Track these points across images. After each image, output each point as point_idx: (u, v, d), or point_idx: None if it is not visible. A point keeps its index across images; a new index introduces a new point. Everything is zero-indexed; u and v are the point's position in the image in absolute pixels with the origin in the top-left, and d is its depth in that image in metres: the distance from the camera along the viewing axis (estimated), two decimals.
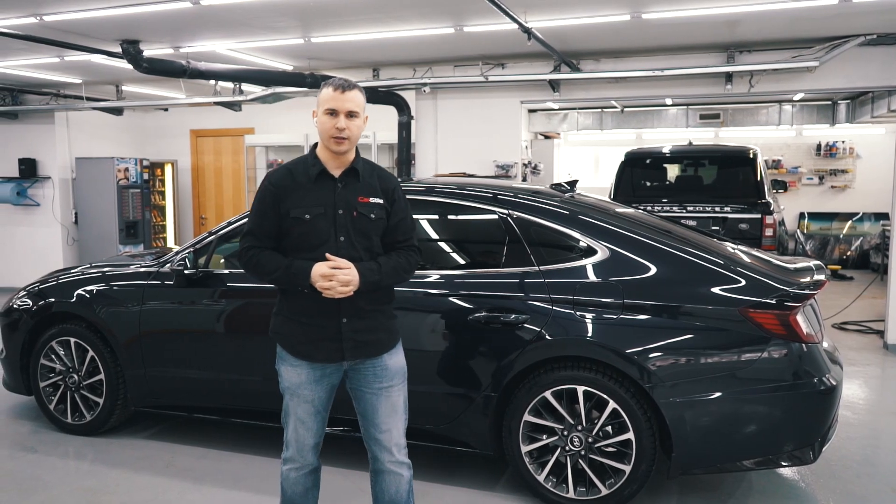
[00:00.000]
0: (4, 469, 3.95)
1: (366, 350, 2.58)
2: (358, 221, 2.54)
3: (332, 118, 2.46)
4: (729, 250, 3.66)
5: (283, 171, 2.57)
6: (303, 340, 2.56)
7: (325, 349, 2.55)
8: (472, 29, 5.76)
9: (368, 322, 2.57)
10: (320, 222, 2.49)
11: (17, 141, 9.68)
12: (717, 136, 12.35)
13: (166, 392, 4.19)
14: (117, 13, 5.15)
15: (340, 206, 2.52)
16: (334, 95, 2.46)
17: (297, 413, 2.61)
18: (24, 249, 9.84)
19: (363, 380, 2.61)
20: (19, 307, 4.56)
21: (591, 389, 3.29)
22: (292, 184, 2.53)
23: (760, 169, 7.51)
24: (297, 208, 2.50)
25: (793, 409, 3.16)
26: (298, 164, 2.58)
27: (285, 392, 2.64)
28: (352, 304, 2.51)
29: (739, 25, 5.75)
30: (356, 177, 2.56)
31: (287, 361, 2.61)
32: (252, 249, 2.54)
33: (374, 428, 2.64)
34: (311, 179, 2.52)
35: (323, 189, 2.52)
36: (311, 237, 2.49)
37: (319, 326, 2.53)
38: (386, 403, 2.62)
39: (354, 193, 2.54)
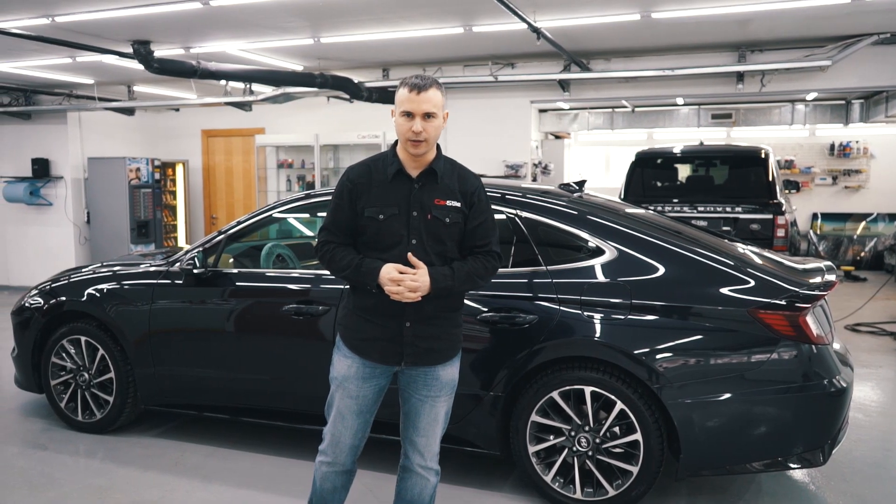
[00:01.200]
0: (16, 466, 3.98)
1: (426, 358, 2.53)
2: (432, 224, 2.46)
3: (409, 120, 2.38)
4: (739, 251, 3.64)
5: (361, 168, 2.53)
6: (362, 336, 2.52)
7: (381, 350, 2.51)
8: (481, 29, 5.75)
9: (433, 329, 2.51)
10: (393, 223, 2.45)
11: (30, 141, 9.77)
12: (728, 135, 12.28)
13: (175, 391, 4.21)
14: (128, 14, 5.19)
15: (415, 207, 2.46)
16: (410, 97, 2.38)
17: (339, 406, 2.57)
18: (36, 249, 9.92)
19: (412, 384, 2.58)
20: (31, 306, 4.59)
21: (599, 390, 3.27)
22: (369, 181, 2.48)
23: (772, 169, 7.46)
24: (372, 207, 2.46)
25: (802, 410, 3.13)
26: (378, 161, 2.53)
27: (333, 382, 2.60)
28: (418, 309, 2.45)
29: (751, 24, 5.71)
30: (434, 178, 2.49)
31: (341, 351, 2.58)
32: (328, 244, 2.52)
33: (414, 430, 2.62)
34: (388, 178, 2.47)
35: (399, 189, 2.47)
36: (384, 238, 2.45)
37: (382, 326, 2.49)
38: (430, 412, 2.59)
39: (431, 195, 2.47)
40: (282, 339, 3.87)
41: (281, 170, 10.05)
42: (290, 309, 3.76)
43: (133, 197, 9.39)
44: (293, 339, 3.83)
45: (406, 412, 2.63)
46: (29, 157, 9.67)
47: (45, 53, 6.70)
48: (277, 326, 3.85)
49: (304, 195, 4.21)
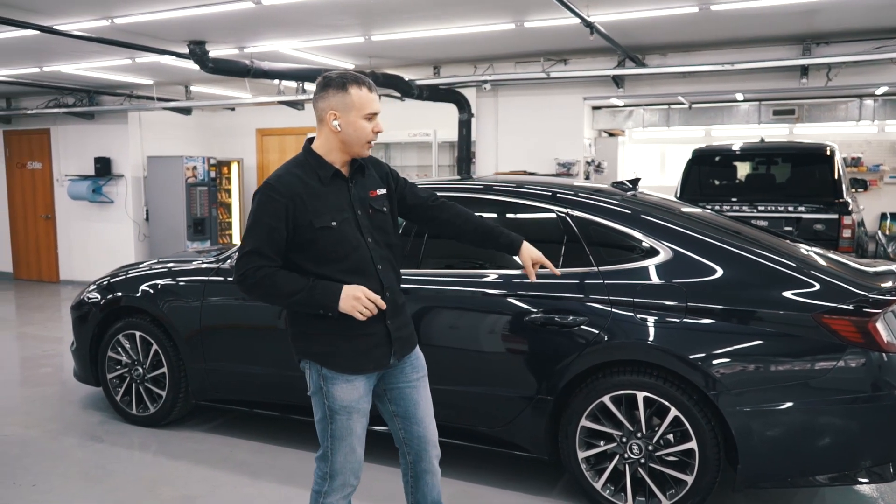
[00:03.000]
0: (73, 457, 4.08)
1: (408, 345, 2.52)
2: (375, 219, 2.43)
3: (371, 121, 2.33)
4: (802, 252, 3.47)
5: (289, 179, 2.30)
6: (351, 355, 2.37)
7: (375, 357, 2.42)
8: (533, 24, 5.65)
9: (403, 317, 2.51)
10: (346, 227, 2.33)
11: (93, 140, 10.09)
12: (791, 132, 11.84)
13: (225, 387, 4.25)
14: (183, 14, 5.28)
15: (358, 206, 2.39)
16: (372, 97, 2.32)
17: (356, 432, 2.41)
18: (98, 245, 10.25)
19: (401, 375, 2.52)
20: (89, 300, 4.71)
21: (652, 395, 3.16)
22: (304, 190, 2.29)
23: (838, 167, 7.13)
24: (322, 216, 2.29)
25: (871, 422, 2.96)
26: (303, 167, 2.35)
27: (339, 413, 2.37)
28: (393, 303, 2.43)
29: (817, 15, 5.46)
30: (362, 172, 2.45)
31: (340, 379, 2.37)
32: (262, 269, 2.25)
33: (418, 424, 2.54)
34: (324, 182, 2.33)
35: (338, 192, 2.36)
36: (342, 245, 2.32)
37: (368, 335, 2.38)
38: (424, 393, 2.56)
39: (364, 190, 2.43)
40: None
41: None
42: None
43: (190, 195, 9.59)
44: None
45: (403, 411, 2.54)
46: (92, 155, 9.99)
47: (105, 55, 6.89)
48: None
49: None
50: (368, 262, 2.36)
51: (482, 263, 3.61)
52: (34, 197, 10.81)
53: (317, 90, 2.36)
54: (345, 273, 2.31)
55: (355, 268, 2.33)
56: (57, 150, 10.48)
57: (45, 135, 10.53)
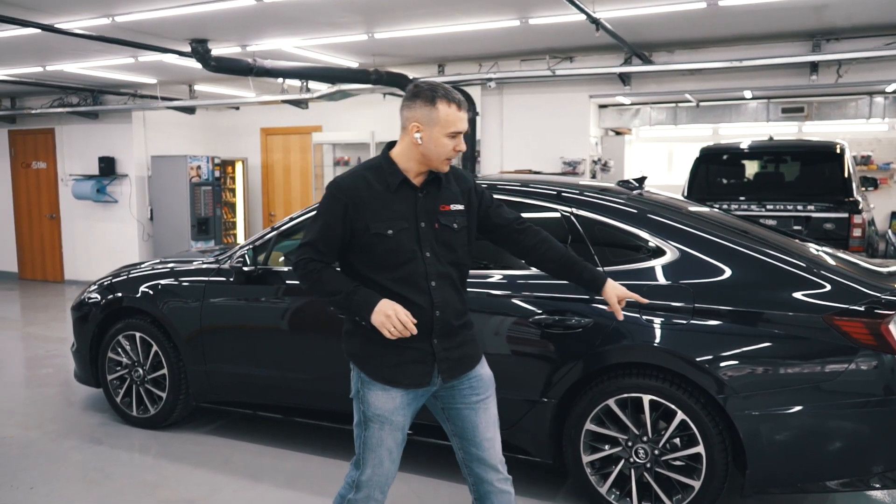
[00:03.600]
0: (72, 460, 4.04)
1: (461, 367, 2.39)
2: (441, 233, 2.32)
3: (453, 139, 2.25)
4: (812, 252, 3.39)
5: (355, 180, 2.30)
6: (388, 364, 2.31)
7: (411, 373, 2.32)
8: (538, 21, 5.58)
9: (457, 338, 2.38)
10: (403, 238, 2.26)
11: (97, 140, 10.07)
12: (800, 130, 11.71)
13: (225, 388, 4.21)
14: (184, 12, 5.23)
15: (422, 218, 2.30)
16: (459, 115, 2.24)
17: (386, 444, 2.34)
18: (102, 244, 10.23)
19: (458, 395, 2.40)
20: (89, 301, 4.67)
21: (658, 399, 3.09)
22: (368, 194, 2.27)
23: (848, 165, 7.03)
24: (378, 222, 2.25)
25: (884, 426, 2.89)
26: (373, 171, 2.32)
27: (372, 421, 2.33)
28: (443, 323, 2.31)
29: (827, 11, 5.37)
30: (438, 184, 2.35)
31: (375, 386, 2.33)
32: (313, 263, 2.28)
33: (477, 447, 2.42)
34: (391, 189, 2.28)
35: (403, 200, 2.29)
36: (396, 255, 2.26)
37: (406, 348, 2.29)
38: (485, 417, 2.42)
39: (435, 202, 2.33)
40: (329, 339, 3.81)
41: (337, 167, 10.07)
42: None
43: (194, 194, 9.56)
44: None
45: (460, 431, 2.43)
46: (96, 155, 9.97)
47: (107, 54, 6.85)
48: (325, 326, 3.79)
49: None
50: (421, 276, 2.28)
51: (486, 264, 3.55)
52: (39, 197, 10.81)
53: (405, 97, 2.30)
54: (395, 283, 2.26)
55: (406, 279, 2.26)
56: (61, 150, 10.47)
57: (50, 134, 10.53)
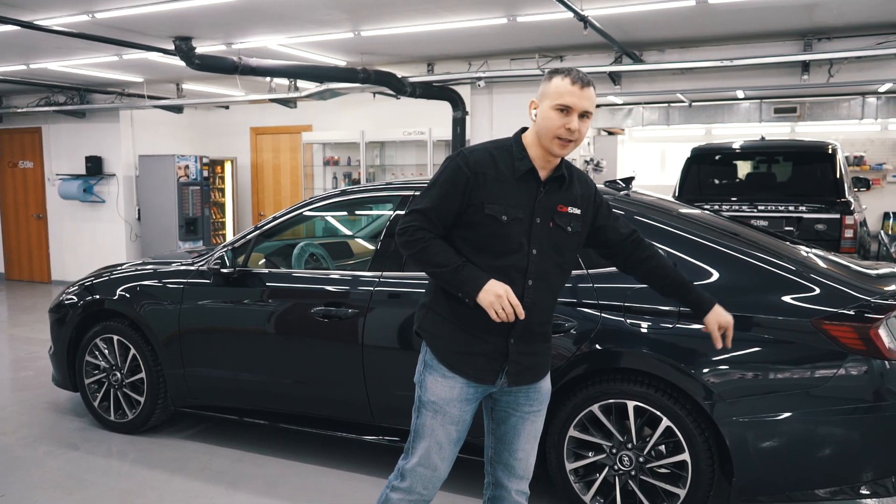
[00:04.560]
0: (46, 466, 3.95)
1: (528, 375, 2.28)
2: (554, 233, 2.21)
3: (564, 116, 2.10)
4: (802, 254, 3.32)
5: (483, 155, 2.18)
6: (458, 349, 2.22)
7: (478, 366, 2.22)
8: (526, 19, 5.50)
9: (535, 345, 2.27)
10: (515, 227, 2.15)
11: (84, 139, 9.95)
12: (793, 130, 11.67)
13: (204, 393, 4.12)
14: (166, 9, 5.13)
15: (539, 213, 2.18)
16: (572, 90, 2.09)
17: (436, 435, 2.24)
18: (90, 245, 10.11)
19: (513, 402, 2.31)
20: (67, 303, 4.57)
21: (643, 405, 3.02)
22: (494, 173, 2.16)
23: (840, 165, 6.98)
24: (495, 204, 2.14)
25: (873, 433, 2.82)
26: (502, 152, 2.20)
27: (425, 407, 2.26)
28: (526, 325, 2.19)
29: (818, 9, 5.30)
30: (561, 183, 2.23)
31: (437, 371, 2.24)
32: (422, 231, 2.16)
33: (510, 454, 2.35)
34: (516, 175, 2.17)
35: (525, 190, 2.18)
36: (502, 242, 2.15)
37: (483, 340, 2.20)
38: (530, 429, 2.35)
39: (555, 201, 2.21)
40: (309, 343, 3.73)
41: (327, 167, 9.98)
42: (318, 311, 3.62)
43: (181, 194, 9.46)
44: (321, 343, 3.68)
45: (501, 435, 2.35)
46: (83, 154, 9.85)
47: (90, 51, 6.75)
48: (305, 329, 3.71)
49: (340, 192, 4.08)
50: (521, 271, 2.16)
51: None
52: (26, 196, 10.69)
53: None
54: (493, 271, 2.14)
55: (505, 270, 2.15)
56: (48, 149, 10.35)
57: (37, 133, 10.40)
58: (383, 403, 3.54)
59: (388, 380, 3.50)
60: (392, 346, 3.49)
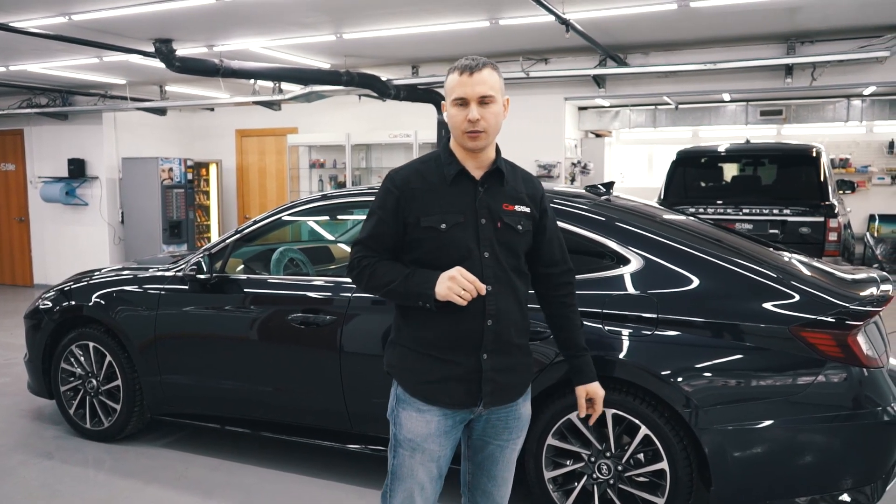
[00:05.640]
0: (18, 476, 3.88)
1: (505, 395, 2.13)
2: (503, 234, 2.08)
3: (463, 108, 2.01)
4: (783, 260, 3.30)
5: (409, 171, 2.12)
6: (427, 378, 2.08)
7: (453, 391, 2.07)
8: (508, 22, 5.48)
9: (511, 359, 2.12)
10: (458, 233, 2.03)
11: (66, 141, 9.85)
12: (779, 133, 11.71)
13: (180, 400, 4.06)
14: (145, 10, 5.07)
15: (482, 214, 2.06)
16: (461, 80, 2.00)
17: (417, 476, 2.10)
18: (72, 248, 10.00)
19: (492, 430, 2.17)
20: (42, 309, 4.50)
21: (621, 413, 2.99)
22: (422, 185, 2.07)
23: (824, 169, 6.99)
24: (430, 215, 2.04)
25: (851, 441, 2.80)
26: (429, 162, 2.13)
27: (402, 446, 2.11)
28: (497, 336, 2.06)
29: (800, 13, 5.31)
30: (500, 179, 2.11)
31: (411, 406, 2.09)
32: (366, 259, 2.09)
33: (489, 479, 2.24)
34: (447, 181, 2.07)
35: (461, 193, 2.07)
36: (448, 251, 2.02)
37: (453, 362, 2.06)
38: (510, 456, 2.23)
39: (498, 199, 2.09)
40: (286, 351, 3.68)
41: (313, 170, 9.93)
42: (296, 318, 3.57)
43: (165, 197, 9.38)
44: (299, 350, 3.63)
45: (479, 462, 2.23)
46: (65, 157, 9.74)
47: (69, 53, 6.67)
48: (282, 336, 3.66)
49: (320, 196, 4.03)
50: (477, 278, 2.01)
51: None
52: (7, 199, 10.57)
53: None
54: None
55: None
56: (30, 151, 10.24)
57: (19, 135, 10.29)
58: (361, 411, 3.50)
59: (366, 387, 3.45)
60: (371, 354, 3.43)
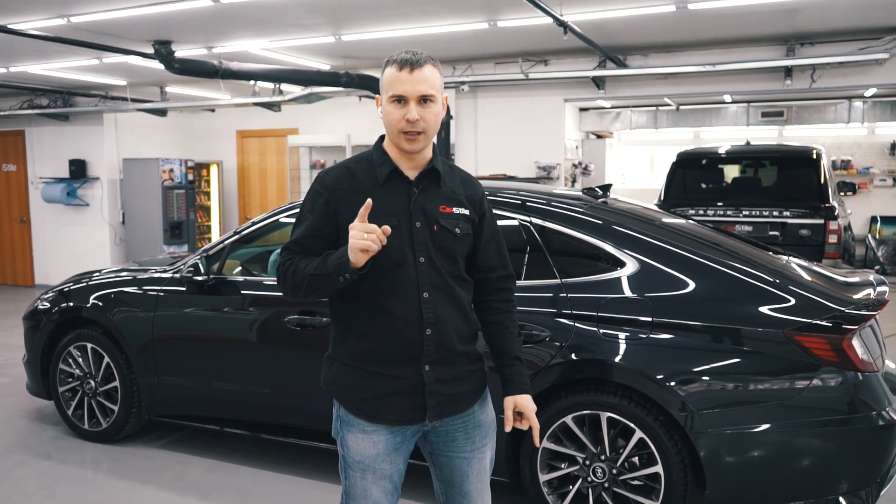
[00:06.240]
0: (15, 476, 3.89)
1: (454, 406, 2.00)
2: (440, 237, 1.95)
3: (401, 107, 1.86)
4: (780, 264, 3.30)
5: (340, 171, 1.98)
6: (368, 395, 1.95)
7: (396, 406, 1.94)
8: (506, 24, 5.48)
9: (456, 369, 1.99)
10: (391, 238, 1.84)
11: (67, 142, 9.88)
12: (781, 134, 11.69)
13: (177, 401, 4.07)
14: (143, 12, 5.08)
15: (417, 217, 1.93)
16: (401, 77, 1.84)
17: (372, 495, 1.98)
18: (73, 249, 10.03)
19: (452, 443, 2.04)
20: (40, 310, 4.51)
21: (616, 416, 2.98)
22: (353, 187, 1.94)
23: (824, 170, 6.97)
24: None
25: (846, 445, 2.79)
26: (361, 163, 2.00)
27: (351, 469, 1.99)
28: (438, 346, 1.94)
29: (799, 15, 5.30)
30: (437, 180, 1.98)
31: (355, 426, 1.97)
32: (290, 261, 1.93)
33: (462, 496, 2.09)
34: (379, 182, 1.94)
35: (394, 195, 1.94)
36: (381, 257, 1.83)
37: (394, 376, 1.94)
38: (479, 468, 2.09)
39: (434, 201, 1.97)
40: (281, 352, 3.68)
41: (314, 170, 9.93)
42: (293, 320, 3.57)
43: (166, 198, 9.40)
44: (295, 352, 3.64)
45: (448, 479, 2.10)
46: (66, 158, 9.77)
47: (69, 55, 6.68)
48: (277, 338, 3.67)
49: None
50: (412, 284, 1.91)
51: None
52: (9, 199, 10.59)
53: None
54: (379, 294, 1.91)
55: (395, 287, 1.91)
56: (32, 152, 10.27)
57: (20, 136, 10.32)
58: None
59: None
60: None
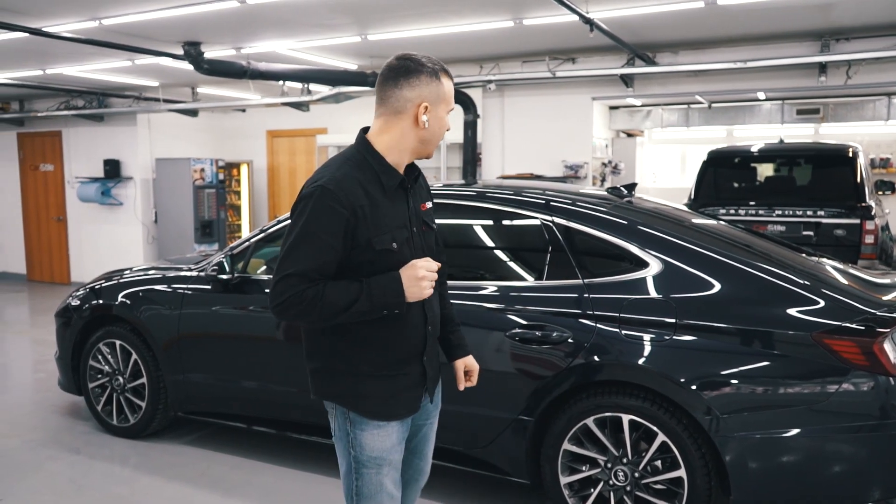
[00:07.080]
0: (45, 470, 3.97)
1: (436, 382, 2.18)
2: (428, 236, 2.05)
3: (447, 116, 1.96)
4: (811, 265, 3.21)
5: (351, 184, 1.83)
6: (382, 397, 1.99)
7: (406, 401, 2.05)
8: (532, 22, 5.43)
9: (435, 350, 2.17)
10: (406, 250, 1.91)
11: (102, 142, 10.07)
12: (816, 132, 11.41)
13: (203, 398, 4.11)
14: (172, 14, 5.15)
15: (415, 222, 1.99)
16: (451, 87, 1.96)
17: (386, 488, 2.03)
18: (108, 247, 10.22)
19: (424, 413, 2.18)
20: (71, 307, 4.60)
21: (638, 419, 2.94)
22: (369, 202, 1.85)
23: (861, 169, 6.78)
24: (382, 235, 1.87)
25: (878, 452, 2.70)
26: (363, 171, 1.89)
27: (366, 466, 2.02)
28: (433, 338, 2.11)
29: (834, 10, 5.17)
30: (416, 177, 2.04)
31: (369, 425, 2.00)
32: (310, 290, 1.80)
33: (422, 459, 2.28)
34: (387, 193, 1.91)
35: (397, 203, 1.93)
36: (397, 268, 1.89)
37: (401, 375, 2.02)
38: (435, 428, 2.30)
39: (416, 202, 2.02)
40: None
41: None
42: None
43: (197, 197, 9.52)
44: None
45: (414, 447, 2.23)
46: (101, 158, 9.96)
47: (101, 57, 6.81)
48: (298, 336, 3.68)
49: None
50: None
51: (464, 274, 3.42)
52: (46, 199, 10.84)
53: (400, 75, 1.89)
54: None
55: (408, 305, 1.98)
56: (68, 152, 10.49)
57: (57, 137, 10.55)
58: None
59: None
60: None
